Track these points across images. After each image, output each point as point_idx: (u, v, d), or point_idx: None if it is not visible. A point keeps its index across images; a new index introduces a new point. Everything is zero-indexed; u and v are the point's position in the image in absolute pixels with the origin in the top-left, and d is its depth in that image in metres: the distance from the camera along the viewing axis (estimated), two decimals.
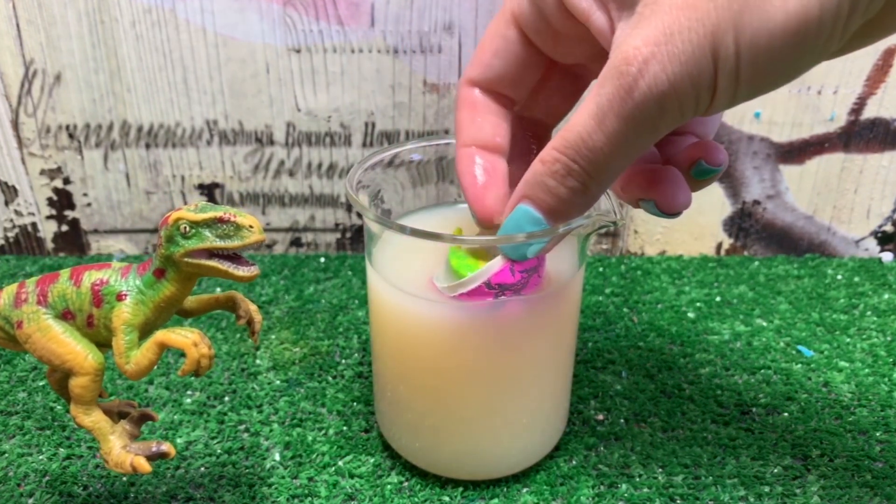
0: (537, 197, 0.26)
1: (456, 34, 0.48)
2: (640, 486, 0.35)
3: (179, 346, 0.25)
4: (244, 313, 0.30)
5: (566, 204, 0.25)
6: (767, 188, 0.53)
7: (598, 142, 0.23)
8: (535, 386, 0.34)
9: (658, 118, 0.22)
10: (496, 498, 0.35)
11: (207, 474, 0.35)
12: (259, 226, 0.25)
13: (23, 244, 0.55)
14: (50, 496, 0.34)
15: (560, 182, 0.25)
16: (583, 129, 0.23)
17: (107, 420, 0.27)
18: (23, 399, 0.40)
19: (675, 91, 0.21)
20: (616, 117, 0.22)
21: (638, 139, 0.23)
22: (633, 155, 0.24)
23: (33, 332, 0.26)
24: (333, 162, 0.53)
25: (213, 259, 0.26)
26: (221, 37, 0.48)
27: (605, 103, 0.22)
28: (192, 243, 0.25)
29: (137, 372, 0.26)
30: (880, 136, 0.51)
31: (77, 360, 0.26)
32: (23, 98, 0.49)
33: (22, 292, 0.27)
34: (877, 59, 0.49)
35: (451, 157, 0.37)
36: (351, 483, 0.35)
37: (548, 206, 0.26)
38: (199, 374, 0.26)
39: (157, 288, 0.26)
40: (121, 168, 0.52)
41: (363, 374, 0.43)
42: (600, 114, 0.23)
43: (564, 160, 0.24)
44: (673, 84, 0.21)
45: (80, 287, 0.26)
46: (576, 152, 0.24)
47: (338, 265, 0.54)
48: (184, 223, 0.25)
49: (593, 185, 0.25)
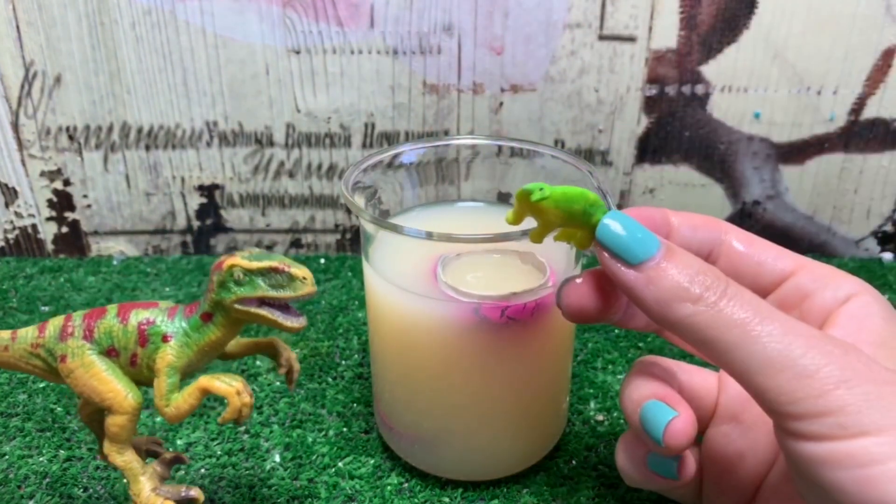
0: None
1: (455, 35, 0.48)
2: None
3: (223, 393, 0.25)
4: (285, 362, 0.30)
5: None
6: (767, 188, 0.53)
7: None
8: (535, 386, 0.33)
9: None
10: (496, 499, 0.35)
11: (207, 475, 0.35)
12: (311, 278, 0.25)
13: (23, 246, 0.55)
14: (50, 498, 0.34)
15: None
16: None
17: (139, 461, 0.27)
18: (23, 401, 0.40)
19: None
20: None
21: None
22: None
23: (76, 367, 0.26)
24: (333, 163, 0.53)
25: (263, 308, 0.25)
26: (221, 38, 0.48)
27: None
28: (244, 291, 0.25)
29: (177, 416, 0.26)
30: (880, 136, 0.51)
31: (117, 400, 0.26)
32: (23, 100, 0.49)
33: (68, 325, 0.27)
34: (876, 59, 0.49)
35: (450, 158, 0.37)
36: (351, 484, 0.35)
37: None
38: (238, 422, 0.26)
39: (203, 331, 0.26)
40: (120, 170, 0.52)
41: (363, 376, 0.43)
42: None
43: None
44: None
45: (126, 325, 0.26)
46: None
47: (338, 266, 0.54)
48: (238, 270, 0.25)
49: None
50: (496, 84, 0.50)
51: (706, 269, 0.23)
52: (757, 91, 0.50)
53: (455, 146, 0.37)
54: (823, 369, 0.20)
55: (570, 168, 0.34)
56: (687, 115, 0.51)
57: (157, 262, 0.54)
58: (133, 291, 0.51)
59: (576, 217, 0.24)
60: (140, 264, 0.54)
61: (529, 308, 0.30)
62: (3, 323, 0.47)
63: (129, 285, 0.51)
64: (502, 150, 0.37)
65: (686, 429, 0.25)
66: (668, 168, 0.53)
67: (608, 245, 0.24)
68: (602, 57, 0.49)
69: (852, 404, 0.20)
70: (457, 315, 0.31)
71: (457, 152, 0.37)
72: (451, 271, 0.32)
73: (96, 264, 0.54)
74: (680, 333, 0.23)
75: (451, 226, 0.35)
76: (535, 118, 0.51)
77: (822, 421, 0.20)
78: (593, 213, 0.24)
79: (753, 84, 0.50)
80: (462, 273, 0.32)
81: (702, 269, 0.23)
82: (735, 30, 0.48)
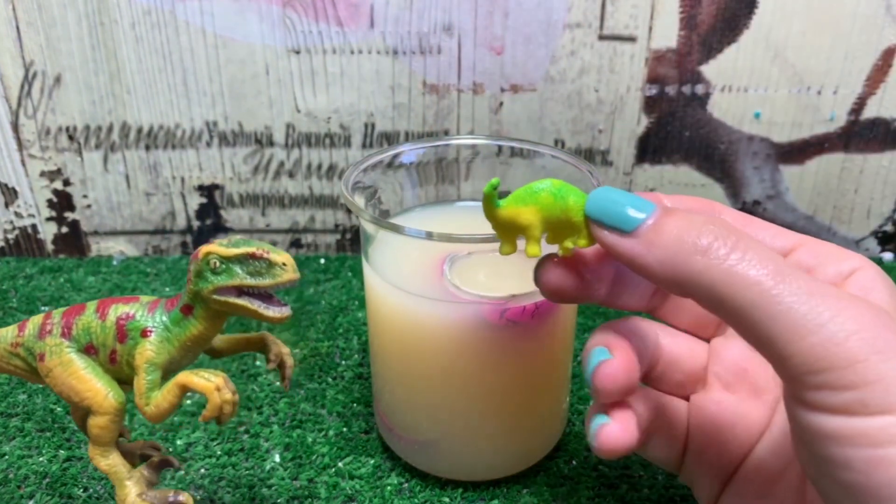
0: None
1: (455, 35, 0.48)
2: (640, 487, 0.35)
3: (201, 389, 0.24)
4: (275, 357, 0.28)
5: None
6: (767, 188, 0.53)
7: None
8: (535, 386, 0.33)
9: None
10: (496, 499, 0.35)
11: (207, 476, 0.35)
12: (293, 264, 0.24)
13: (23, 246, 0.55)
14: (50, 498, 0.34)
15: None
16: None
17: (125, 464, 0.26)
18: (23, 401, 0.40)
19: None
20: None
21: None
22: None
23: (55, 366, 0.25)
24: (333, 163, 0.53)
25: (242, 297, 0.24)
26: (221, 38, 0.48)
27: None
28: (221, 279, 0.24)
29: (157, 414, 0.24)
30: (880, 135, 0.51)
31: (97, 399, 0.25)
32: (23, 100, 0.49)
33: (47, 323, 0.26)
34: (877, 59, 0.49)
35: (450, 158, 0.37)
36: (351, 484, 0.35)
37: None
38: (221, 421, 0.24)
39: (183, 325, 0.25)
40: (120, 170, 0.52)
41: (363, 376, 0.43)
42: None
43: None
44: None
45: (105, 321, 0.25)
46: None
47: (338, 266, 0.54)
48: (214, 258, 0.24)
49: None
50: (496, 84, 0.50)
51: (713, 220, 0.21)
52: (757, 91, 0.50)
53: (455, 146, 0.37)
54: (853, 337, 0.18)
55: (571, 168, 0.34)
56: (687, 114, 0.51)
57: (157, 263, 0.54)
58: (133, 291, 0.51)
59: (548, 205, 0.23)
60: (140, 264, 0.54)
61: (529, 310, 0.30)
62: (3, 323, 0.47)
63: (129, 285, 0.51)
64: (502, 150, 0.37)
65: (613, 372, 0.24)
66: (668, 168, 0.53)
67: (600, 217, 0.22)
68: (602, 57, 0.49)
69: (882, 379, 0.18)
70: (457, 315, 0.30)
71: (457, 152, 0.37)
72: (458, 270, 0.32)
73: (96, 264, 0.54)
74: (693, 295, 0.21)
75: (452, 226, 0.35)
76: (535, 118, 0.51)
77: (844, 394, 0.18)
78: (566, 196, 0.23)
79: (754, 84, 0.50)
80: (469, 272, 0.32)
81: (707, 220, 0.21)
82: (735, 29, 0.48)
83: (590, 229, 0.23)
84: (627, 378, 0.24)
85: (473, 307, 0.30)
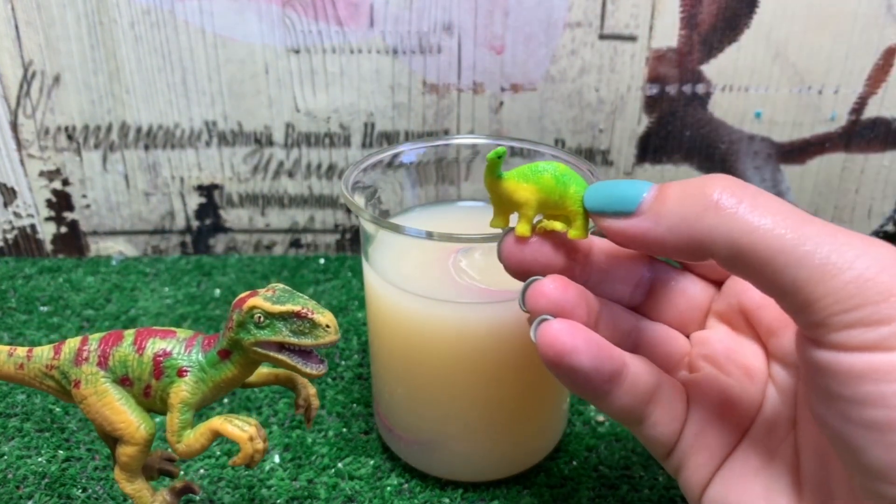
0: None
1: (455, 34, 0.48)
2: (640, 487, 0.35)
3: (235, 439, 0.24)
4: (303, 401, 0.29)
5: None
6: (768, 188, 0.53)
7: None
8: (535, 386, 0.33)
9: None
10: (496, 500, 0.34)
11: (207, 476, 0.35)
12: (336, 326, 0.24)
13: (22, 246, 0.54)
14: (49, 498, 0.34)
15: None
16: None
17: (149, 488, 0.27)
18: (22, 401, 0.40)
19: None
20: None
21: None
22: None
23: (90, 394, 0.26)
24: (333, 163, 0.53)
25: (283, 352, 0.25)
26: (220, 38, 0.48)
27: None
28: (264, 334, 0.24)
29: (188, 453, 0.25)
30: (881, 135, 0.51)
31: (129, 430, 0.25)
32: (21, 99, 0.49)
33: (84, 350, 0.26)
34: (877, 59, 0.49)
35: (450, 158, 0.37)
36: (351, 485, 0.35)
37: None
38: (250, 466, 0.25)
39: (219, 368, 0.25)
40: (119, 170, 0.52)
41: (363, 376, 0.42)
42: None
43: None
44: None
45: (142, 356, 0.26)
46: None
47: (337, 266, 0.54)
48: (259, 312, 0.24)
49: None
50: (496, 83, 0.50)
51: (716, 175, 0.21)
52: (758, 90, 0.50)
53: (455, 146, 0.37)
54: (884, 273, 0.18)
55: (571, 168, 0.34)
56: (688, 114, 0.51)
57: (156, 263, 0.54)
58: (132, 291, 0.50)
59: (548, 188, 0.23)
60: (139, 264, 0.54)
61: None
62: (2, 323, 0.47)
63: (128, 285, 0.51)
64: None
65: (542, 288, 0.23)
66: (668, 168, 0.53)
67: (601, 207, 0.23)
68: (603, 56, 0.49)
69: None
70: (457, 316, 0.30)
71: (457, 152, 0.37)
72: (468, 264, 0.32)
73: (95, 264, 0.54)
74: (713, 253, 0.20)
75: (452, 225, 0.34)
76: (536, 118, 0.51)
77: (879, 329, 0.18)
78: (567, 183, 0.23)
79: (754, 83, 0.50)
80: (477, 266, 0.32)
81: (710, 177, 0.21)
82: (736, 29, 0.48)
83: (590, 222, 0.23)
84: (560, 294, 0.24)
85: (473, 307, 0.30)
